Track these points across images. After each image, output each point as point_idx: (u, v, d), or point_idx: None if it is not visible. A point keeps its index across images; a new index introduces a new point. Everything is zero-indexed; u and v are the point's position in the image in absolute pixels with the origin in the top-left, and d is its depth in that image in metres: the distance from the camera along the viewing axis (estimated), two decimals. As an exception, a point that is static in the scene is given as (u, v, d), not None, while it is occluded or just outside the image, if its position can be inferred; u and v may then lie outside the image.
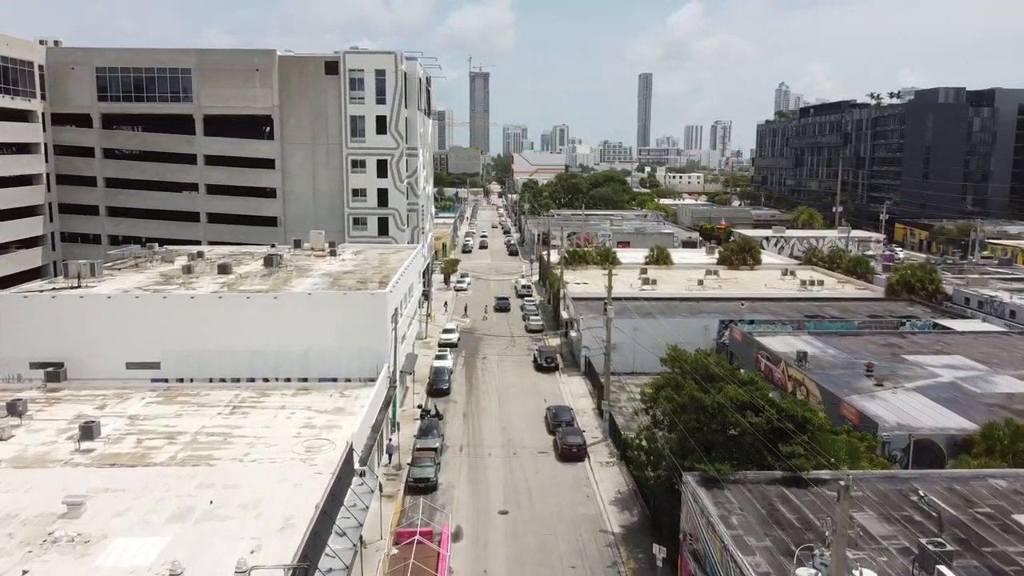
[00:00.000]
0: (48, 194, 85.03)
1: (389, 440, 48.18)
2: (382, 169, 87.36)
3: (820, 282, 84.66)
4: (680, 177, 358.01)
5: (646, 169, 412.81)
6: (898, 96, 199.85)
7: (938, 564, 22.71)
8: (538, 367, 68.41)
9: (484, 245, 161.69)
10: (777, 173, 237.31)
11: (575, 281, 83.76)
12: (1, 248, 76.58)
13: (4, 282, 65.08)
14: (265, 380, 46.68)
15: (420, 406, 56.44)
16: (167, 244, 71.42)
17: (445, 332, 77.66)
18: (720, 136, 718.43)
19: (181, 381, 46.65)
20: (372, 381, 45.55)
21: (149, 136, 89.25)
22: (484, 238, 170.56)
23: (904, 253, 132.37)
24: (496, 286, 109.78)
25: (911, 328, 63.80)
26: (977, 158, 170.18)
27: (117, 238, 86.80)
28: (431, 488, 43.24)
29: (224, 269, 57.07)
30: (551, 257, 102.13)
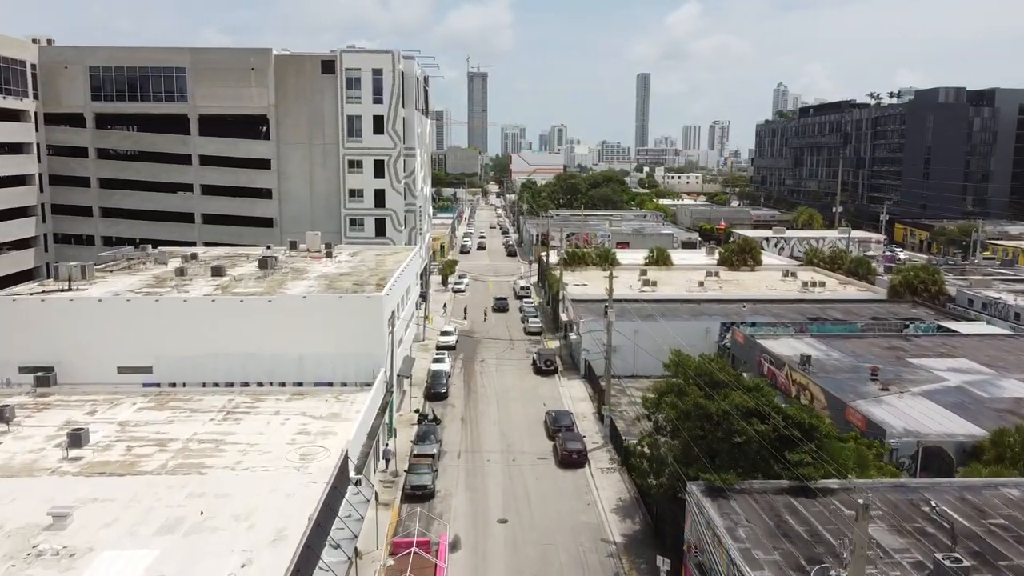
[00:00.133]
0: (41, 195, 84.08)
1: (386, 445, 47.33)
2: (379, 169, 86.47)
3: (822, 283, 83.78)
4: (678, 177, 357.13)
5: (644, 169, 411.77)
6: (898, 96, 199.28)
7: (955, 580, 21.89)
8: (537, 370, 67.55)
9: (482, 246, 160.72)
10: (776, 173, 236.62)
11: (574, 282, 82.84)
12: (-7, 249, 75.88)
13: (-5, 284, 64.19)
14: (259, 385, 45.87)
15: (418, 411, 55.55)
16: (162, 245, 70.47)
17: (443, 334, 76.72)
18: (718, 136, 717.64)
19: (173, 386, 45.87)
20: (368, 386, 44.73)
21: (143, 136, 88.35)
22: (482, 239, 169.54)
23: (905, 254, 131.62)
24: (495, 287, 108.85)
25: (915, 331, 62.64)
26: (977, 158, 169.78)
27: (111, 239, 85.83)
28: (428, 496, 42.36)
29: (218, 271, 56.19)
30: (550, 258, 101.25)
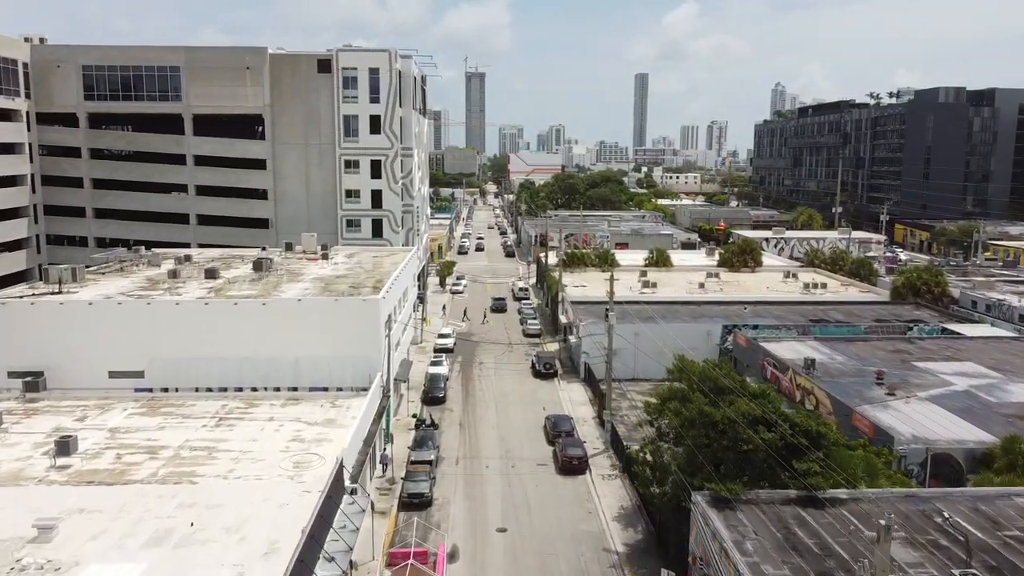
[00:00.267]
0: (33, 195, 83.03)
1: (384, 451, 46.42)
2: (376, 170, 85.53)
3: (823, 285, 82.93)
4: (677, 177, 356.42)
5: (643, 169, 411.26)
6: (897, 96, 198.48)
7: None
8: (536, 373, 66.63)
9: (480, 247, 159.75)
10: (775, 173, 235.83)
11: (573, 284, 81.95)
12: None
13: (-14, 286, 63.15)
14: (253, 389, 45.01)
15: (415, 415, 54.61)
16: (156, 247, 69.55)
17: (441, 337, 75.68)
18: (716, 136, 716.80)
19: (166, 391, 44.96)
20: (364, 390, 43.87)
21: (137, 136, 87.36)
22: (480, 240, 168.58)
23: (905, 254, 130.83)
24: (493, 288, 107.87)
25: (919, 333, 61.78)
26: (977, 158, 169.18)
27: (104, 240, 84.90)
28: (426, 504, 41.40)
29: (211, 274, 55.22)
30: (549, 259, 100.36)
